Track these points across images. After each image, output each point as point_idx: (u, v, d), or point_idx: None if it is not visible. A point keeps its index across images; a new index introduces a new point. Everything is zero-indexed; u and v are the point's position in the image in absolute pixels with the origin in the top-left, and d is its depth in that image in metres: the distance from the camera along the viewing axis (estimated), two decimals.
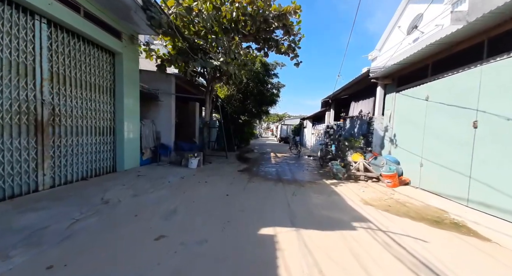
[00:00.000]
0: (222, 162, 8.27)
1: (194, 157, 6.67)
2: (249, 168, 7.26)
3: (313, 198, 4.13)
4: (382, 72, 6.09)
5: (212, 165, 7.47)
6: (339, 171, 6.06)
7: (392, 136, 6.12)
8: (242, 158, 10.03)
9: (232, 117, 13.23)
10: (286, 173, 6.65)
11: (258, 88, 12.00)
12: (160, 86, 6.89)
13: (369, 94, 7.82)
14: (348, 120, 9.08)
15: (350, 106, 10.31)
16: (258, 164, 8.39)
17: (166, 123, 7.01)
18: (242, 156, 10.80)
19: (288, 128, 25.54)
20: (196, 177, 5.51)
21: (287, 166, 8.15)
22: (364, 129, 7.43)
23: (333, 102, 11.80)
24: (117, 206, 3.25)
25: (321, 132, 13.59)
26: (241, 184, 5.03)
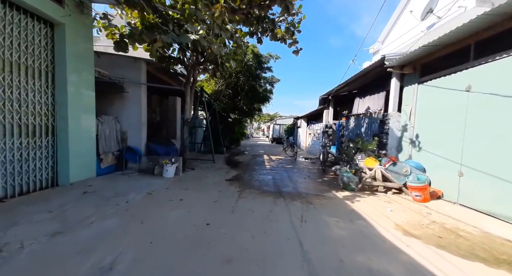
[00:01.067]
0: (207, 168, 6.91)
1: (171, 164, 5.29)
2: (240, 176, 5.96)
3: (331, 226, 2.90)
4: (402, 59, 4.99)
5: (194, 173, 6.10)
6: (351, 180, 4.90)
7: (414, 136, 5.04)
8: (231, 162, 8.69)
9: (221, 115, 11.85)
10: (285, 182, 5.41)
11: (250, 83, 10.72)
12: (127, 74, 5.44)
13: (379, 88, 6.75)
14: (352, 119, 8.00)
15: (353, 102, 9.26)
16: (250, 169, 7.11)
17: (135, 121, 5.57)
18: (232, 159, 9.47)
19: (280, 128, 24.44)
20: (170, 192, 4.14)
21: (285, 172, 6.93)
22: (375, 129, 6.34)
23: (333, 99, 10.73)
24: (8, 262, 1.86)
25: (319, 132, 12.52)
26: (229, 202, 3.73)
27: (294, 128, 20.61)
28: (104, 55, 5.40)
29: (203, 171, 6.39)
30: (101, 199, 3.48)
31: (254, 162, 8.83)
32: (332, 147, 10.71)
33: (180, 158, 5.63)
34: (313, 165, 8.76)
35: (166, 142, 6.17)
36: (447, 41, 4.05)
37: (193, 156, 9.36)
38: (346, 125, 8.46)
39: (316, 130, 12.92)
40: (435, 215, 3.50)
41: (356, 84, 7.91)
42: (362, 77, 7.07)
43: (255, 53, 10.03)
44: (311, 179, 6.01)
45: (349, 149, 7.05)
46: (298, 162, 9.45)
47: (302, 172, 6.96)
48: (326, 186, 5.18)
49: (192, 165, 7.14)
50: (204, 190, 4.42)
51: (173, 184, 4.72)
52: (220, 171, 6.51)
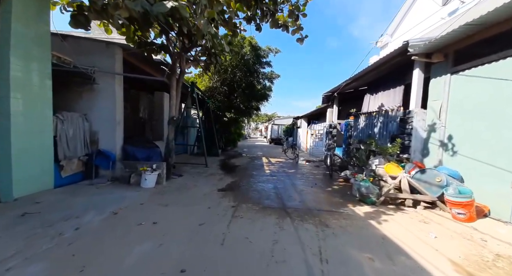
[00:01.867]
0: (198, 174, 5.97)
1: (151, 171, 4.35)
2: (236, 184, 5.04)
3: (365, 269, 1.99)
4: (430, 45, 4.13)
5: (181, 180, 5.16)
6: (370, 191, 4.01)
7: (445, 138, 4.18)
8: (227, 166, 7.76)
9: (216, 114, 10.91)
10: (289, 193, 4.50)
11: (247, 79, 9.81)
12: (98, 62, 4.48)
13: (395, 82, 5.90)
14: (362, 118, 7.14)
15: (361, 100, 8.42)
16: (248, 175, 6.18)
17: (108, 119, 4.61)
18: (228, 163, 8.53)
19: (279, 128, 23.56)
20: (143, 210, 3.20)
21: (287, 178, 6.02)
22: (392, 129, 5.48)
23: (337, 97, 9.87)
24: None
25: (321, 133, 11.66)
26: (220, 225, 2.81)
27: (294, 129, 19.75)
28: (69, 39, 4.45)
29: (192, 178, 5.45)
30: (42, 224, 2.53)
31: (252, 166, 7.91)
32: (337, 148, 9.85)
33: (164, 164, 4.69)
34: (317, 169, 7.87)
35: (147, 144, 5.22)
36: (497, 18, 3.19)
37: (184, 159, 8.41)
38: (354, 125, 7.60)
39: (318, 130, 12.06)
40: (493, 242, 2.62)
41: (366, 79, 7.05)
42: (374, 71, 6.21)
43: (253, 45, 9.13)
44: (319, 187, 5.11)
45: (360, 152, 6.18)
46: (300, 166, 8.55)
47: (307, 178, 6.06)
48: (339, 198, 4.28)
49: (180, 171, 6.20)
50: (189, 205, 3.48)
51: (151, 198, 3.78)
52: (212, 178, 5.58)
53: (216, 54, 6.28)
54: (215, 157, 9.66)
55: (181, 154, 9.98)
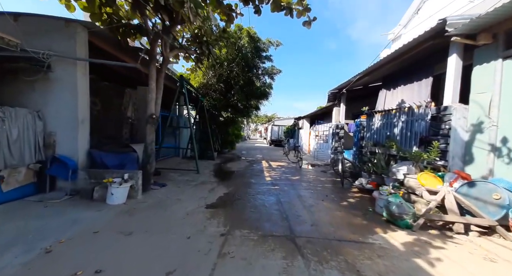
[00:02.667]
0: (186, 183, 5.02)
1: (119, 183, 3.40)
2: (229, 198, 4.09)
3: None
4: (477, 22, 3.22)
5: (162, 193, 4.21)
6: (403, 211, 3.06)
7: (498, 140, 3.26)
8: (222, 172, 6.81)
9: (212, 113, 9.98)
10: (297, 210, 3.56)
11: (245, 75, 8.89)
12: (55, 45, 3.55)
13: (420, 74, 4.99)
14: (377, 117, 6.21)
15: (374, 97, 7.53)
16: (245, 184, 5.24)
17: (68, 117, 3.67)
18: (223, 168, 7.59)
19: (279, 130, 22.63)
20: (92, 244, 2.25)
21: (292, 187, 5.08)
22: (420, 129, 4.55)
23: (345, 95, 8.96)
24: None
25: (326, 134, 10.73)
26: (199, 271, 1.86)
27: (295, 130, 18.83)
28: (21, 18, 3.52)
29: (177, 189, 4.51)
30: None
31: (251, 172, 6.96)
32: (345, 151, 8.93)
33: (139, 173, 3.75)
34: (325, 175, 6.93)
35: (122, 148, 4.27)
36: None
37: (173, 164, 7.47)
38: (367, 125, 6.66)
39: (323, 131, 11.14)
40: None
41: (382, 72, 6.13)
42: (393, 61, 5.29)
43: (252, 35, 8.21)
44: (332, 200, 4.16)
45: (378, 157, 5.24)
46: (305, 171, 7.61)
47: (315, 188, 5.11)
48: (361, 217, 3.34)
49: (166, 179, 5.26)
50: (162, 233, 2.54)
51: (114, 221, 2.83)
52: (202, 188, 4.63)
53: (208, 43, 5.38)
54: (209, 161, 8.72)
55: (172, 157, 9.04)
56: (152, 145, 4.18)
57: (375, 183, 4.96)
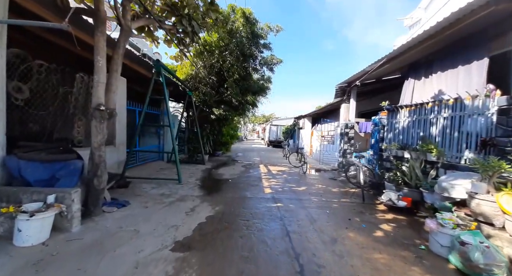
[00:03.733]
0: (156, 201, 3.74)
1: (35, 211, 2.11)
2: (213, 228, 2.82)
3: None
4: None
5: (115, 220, 2.92)
6: (492, 261, 1.83)
7: None
8: (210, 181, 5.54)
9: (202, 110, 8.69)
10: (314, 250, 2.31)
11: (241, 65, 7.63)
12: None
13: (468, 55, 3.80)
14: (403, 113, 5.00)
15: (396, 90, 6.40)
16: (238, 201, 3.97)
17: None
18: (213, 175, 6.31)
19: (278, 130, 21.41)
20: None
21: (299, 204, 3.83)
22: (478, 128, 3.34)
23: (355, 89, 7.77)
24: None
25: (332, 135, 9.53)
26: None
27: (295, 130, 17.63)
28: None
29: (142, 211, 3.22)
30: None
31: (246, 180, 5.70)
32: (355, 154, 7.73)
33: (73, 193, 2.45)
34: (335, 183, 5.71)
35: (56, 155, 2.95)
36: None
37: (152, 171, 6.17)
38: (389, 123, 5.45)
39: (328, 131, 9.94)
40: None
41: (408, 57, 4.94)
42: (427, 41, 4.10)
43: (248, 16, 6.93)
44: (361, 230, 2.92)
45: (411, 164, 4.03)
46: (310, 178, 6.38)
47: (330, 205, 3.87)
48: (417, 266, 2.10)
49: (133, 193, 3.97)
50: None
51: None
52: (178, 209, 3.36)
53: (191, 17, 4.10)
54: (198, 166, 7.43)
55: (156, 161, 7.73)
56: (100, 149, 2.89)
57: (409, 199, 3.76)
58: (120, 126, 4.99)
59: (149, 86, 4.87)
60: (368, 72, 6.21)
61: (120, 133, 5.02)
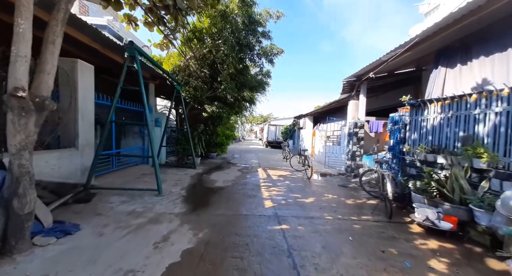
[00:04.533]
0: (120, 224, 2.79)
1: None
2: (192, 271, 1.89)
3: None
4: None
5: (44, 261, 1.97)
6: None
7: None
8: (198, 191, 4.60)
9: (193, 107, 7.75)
10: None
11: (236, 56, 6.71)
12: None
13: None
14: (433, 108, 4.12)
15: (416, 83, 5.59)
16: (229, 222, 3.05)
17: None
18: (203, 182, 5.36)
19: (277, 130, 20.53)
20: None
21: (310, 225, 2.93)
22: None
23: (366, 83, 6.92)
24: None
25: (339, 135, 8.66)
26: None
27: (295, 130, 16.77)
28: None
29: (93, 243, 2.28)
30: None
31: (242, 190, 4.77)
32: (365, 157, 6.87)
33: None
34: (347, 192, 4.83)
35: None
36: None
37: (130, 177, 5.21)
38: (413, 121, 4.58)
39: (332, 131, 9.06)
40: None
41: (436, 42, 4.08)
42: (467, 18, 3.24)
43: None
44: (404, 271, 2.02)
45: (454, 172, 3.15)
46: (317, 185, 5.48)
47: (350, 226, 2.97)
48: None
49: (95, 211, 3.02)
50: None
51: None
52: (146, 236, 2.42)
53: None
54: (188, 171, 6.49)
55: (139, 165, 6.77)
56: (22, 156, 1.94)
57: (454, 219, 2.88)
58: (85, 123, 4.03)
59: (121, 75, 3.91)
60: (384, 63, 5.35)
61: (86, 132, 4.06)
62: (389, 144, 5.14)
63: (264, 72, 8.12)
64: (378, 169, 4.32)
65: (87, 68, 4.09)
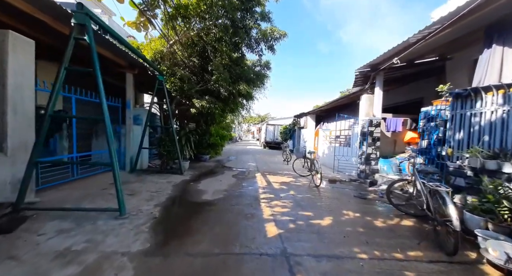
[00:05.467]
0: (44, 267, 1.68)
1: None
2: None
3: None
4: None
5: None
6: None
7: None
8: (179, 207, 3.50)
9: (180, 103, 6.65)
10: None
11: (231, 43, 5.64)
12: None
13: None
14: (489, 99, 3.10)
15: (437, 75, 4.68)
16: (215, 271, 1.98)
17: None
18: (189, 193, 4.25)
19: (275, 130, 19.51)
20: None
21: (339, 273, 1.87)
22: None
23: (382, 74, 5.91)
24: None
25: (348, 135, 7.65)
26: None
27: (295, 129, 15.75)
28: None
29: None
30: None
31: (236, 205, 3.70)
32: (383, 161, 5.87)
33: None
34: (369, 206, 3.79)
35: None
36: None
37: (96, 188, 4.07)
38: (455, 117, 3.56)
39: (340, 130, 8.03)
40: None
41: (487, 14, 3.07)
42: None
43: None
44: None
45: None
46: (330, 197, 4.43)
47: (403, 274, 1.92)
48: None
49: (5, 254, 1.90)
50: None
51: None
52: None
53: None
54: (172, 178, 5.40)
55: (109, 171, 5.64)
56: None
57: None
58: (18, 119, 2.92)
59: (66, 50, 2.80)
60: (411, 46, 4.33)
61: (19, 130, 2.94)
62: (420, 146, 4.12)
63: (263, 63, 7.06)
64: (415, 179, 3.29)
65: (24, 43, 2.97)
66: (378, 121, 5.90)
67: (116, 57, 5.20)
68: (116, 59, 5.25)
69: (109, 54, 4.96)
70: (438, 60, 6.23)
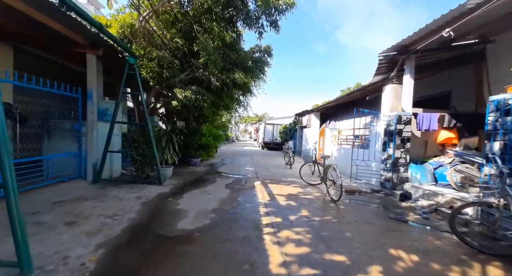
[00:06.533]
0: None
1: None
2: None
3: None
4: None
5: None
6: None
7: None
8: (141, 245, 2.20)
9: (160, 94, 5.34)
10: None
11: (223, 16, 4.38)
12: None
13: None
14: None
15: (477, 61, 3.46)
16: None
17: None
18: (161, 218, 2.95)
19: (274, 129, 18.29)
20: None
21: None
22: None
23: (412, 59, 4.71)
24: None
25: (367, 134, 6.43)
26: None
27: (296, 129, 14.55)
28: None
29: None
30: None
31: (226, 243, 2.44)
32: (414, 167, 4.67)
33: None
34: (420, 235, 2.55)
35: None
36: None
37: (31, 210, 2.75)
38: None
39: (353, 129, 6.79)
40: None
41: None
42: None
43: None
44: None
45: None
46: (359, 220, 3.18)
47: None
48: None
49: None
50: None
51: None
52: None
53: None
54: (147, 190, 4.11)
55: (66, 182, 4.31)
56: None
57: None
58: None
59: None
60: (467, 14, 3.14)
61: None
62: (490, 150, 2.91)
63: (263, 48, 5.81)
64: (505, 200, 2.07)
65: None
66: (409, 117, 4.71)
67: (71, 32, 3.91)
68: (72, 35, 3.95)
69: (61, 28, 3.68)
70: (478, 42, 5.10)
